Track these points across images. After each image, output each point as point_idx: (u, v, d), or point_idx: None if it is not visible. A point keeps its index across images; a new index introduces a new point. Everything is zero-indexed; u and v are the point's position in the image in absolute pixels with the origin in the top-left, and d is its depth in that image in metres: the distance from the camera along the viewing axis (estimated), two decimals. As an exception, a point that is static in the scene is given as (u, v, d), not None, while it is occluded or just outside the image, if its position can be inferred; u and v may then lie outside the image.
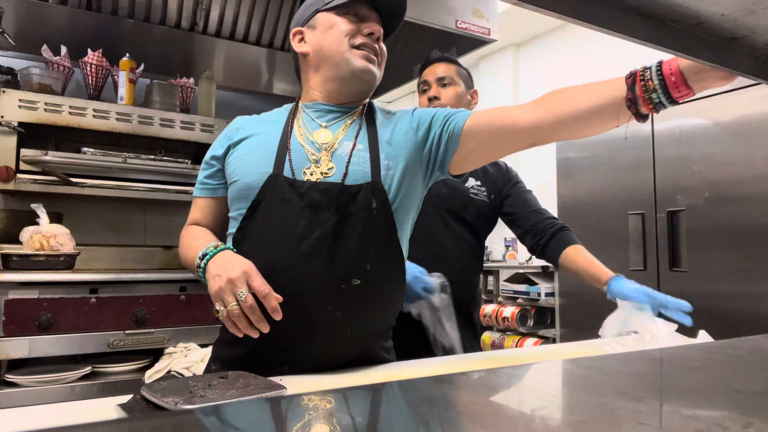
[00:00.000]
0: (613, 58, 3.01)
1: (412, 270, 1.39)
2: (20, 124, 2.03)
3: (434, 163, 1.14)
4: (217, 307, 0.92)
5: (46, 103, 2.07)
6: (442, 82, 1.73)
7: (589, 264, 1.57)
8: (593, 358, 0.90)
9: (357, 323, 1.04)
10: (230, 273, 0.92)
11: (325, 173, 1.05)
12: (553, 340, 3.49)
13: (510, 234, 4.60)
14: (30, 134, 2.08)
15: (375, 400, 0.64)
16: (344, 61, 1.10)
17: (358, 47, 1.10)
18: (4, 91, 2.02)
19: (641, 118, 0.91)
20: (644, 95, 0.88)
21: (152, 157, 2.27)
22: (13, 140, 2.03)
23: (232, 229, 1.09)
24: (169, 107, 2.37)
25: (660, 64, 0.88)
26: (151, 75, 2.51)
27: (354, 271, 1.02)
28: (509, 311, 3.74)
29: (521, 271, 3.80)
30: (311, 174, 1.05)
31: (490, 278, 4.07)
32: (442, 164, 1.13)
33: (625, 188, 2.80)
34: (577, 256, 1.61)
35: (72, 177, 2.13)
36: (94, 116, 2.15)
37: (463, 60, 2.58)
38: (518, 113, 1.04)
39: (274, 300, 0.92)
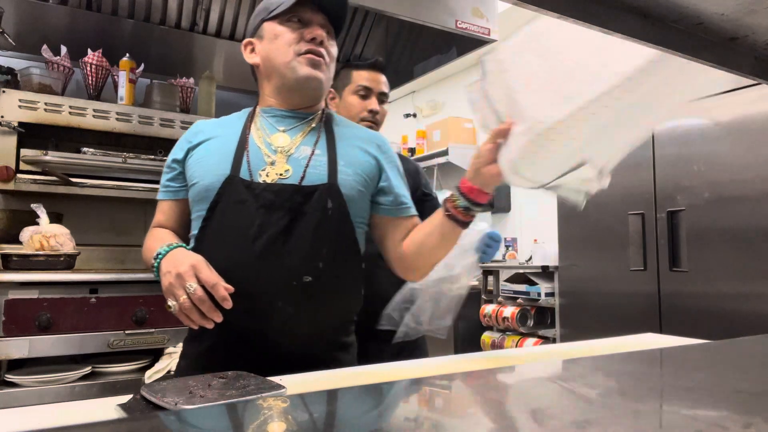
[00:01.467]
0: (613, 58, 3.00)
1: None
2: (20, 124, 2.03)
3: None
4: (169, 302, 0.95)
5: (46, 103, 2.07)
6: (383, 98, 1.66)
7: None
8: (593, 358, 0.90)
9: (311, 319, 1.07)
10: (179, 268, 0.96)
11: (281, 175, 1.08)
12: (553, 340, 3.48)
13: (510, 234, 4.64)
14: (30, 134, 2.08)
15: (374, 400, 0.64)
16: (290, 70, 1.13)
17: (303, 53, 1.12)
18: (4, 91, 2.02)
19: (463, 225, 1.10)
20: (452, 204, 1.08)
21: (152, 157, 2.27)
22: (13, 140, 2.03)
23: (194, 230, 1.12)
24: (169, 107, 2.37)
25: (458, 185, 1.09)
26: (151, 75, 2.51)
27: (306, 268, 1.05)
28: (509, 311, 3.74)
29: (521, 271, 3.79)
30: (267, 175, 1.08)
31: (490, 278, 4.07)
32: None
33: (625, 188, 2.80)
34: None
35: (72, 177, 2.13)
36: (94, 116, 2.16)
37: (463, 60, 2.58)
38: (399, 242, 1.19)
39: (222, 290, 0.95)
